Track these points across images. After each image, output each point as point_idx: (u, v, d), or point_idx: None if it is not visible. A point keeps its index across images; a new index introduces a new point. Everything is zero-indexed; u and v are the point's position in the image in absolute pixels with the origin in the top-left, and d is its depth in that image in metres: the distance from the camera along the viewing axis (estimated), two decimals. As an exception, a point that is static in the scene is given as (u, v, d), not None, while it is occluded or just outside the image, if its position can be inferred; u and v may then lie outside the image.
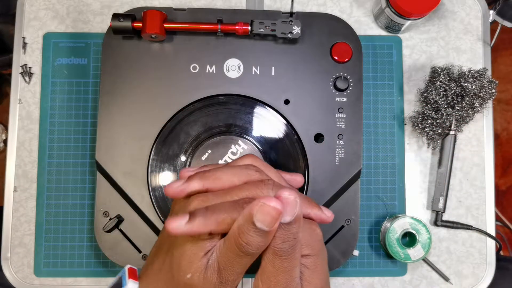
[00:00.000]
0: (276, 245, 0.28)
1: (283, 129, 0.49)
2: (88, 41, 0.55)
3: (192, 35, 0.49)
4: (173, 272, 0.31)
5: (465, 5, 0.57)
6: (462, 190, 0.55)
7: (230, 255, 0.29)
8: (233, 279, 0.30)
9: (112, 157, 0.48)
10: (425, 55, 0.57)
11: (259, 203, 0.27)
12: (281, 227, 0.28)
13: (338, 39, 0.50)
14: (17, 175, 0.54)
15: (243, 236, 0.28)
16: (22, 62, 0.55)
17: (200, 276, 0.30)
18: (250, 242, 0.28)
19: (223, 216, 0.29)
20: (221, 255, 0.29)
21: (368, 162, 0.55)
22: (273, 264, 0.29)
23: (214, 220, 0.29)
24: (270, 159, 0.47)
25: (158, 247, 0.34)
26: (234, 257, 0.29)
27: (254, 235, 0.28)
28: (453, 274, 0.54)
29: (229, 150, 0.46)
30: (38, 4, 0.55)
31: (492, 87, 0.53)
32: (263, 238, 0.28)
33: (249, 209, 0.28)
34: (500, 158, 1.28)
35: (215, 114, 0.48)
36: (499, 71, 1.30)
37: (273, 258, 0.29)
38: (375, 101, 0.55)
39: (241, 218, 0.28)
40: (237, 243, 0.28)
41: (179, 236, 0.30)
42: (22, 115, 0.54)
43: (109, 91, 0.48)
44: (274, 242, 0.29)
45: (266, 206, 0.27)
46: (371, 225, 0.54)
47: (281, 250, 0.29)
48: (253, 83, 0.49)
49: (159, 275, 0.32)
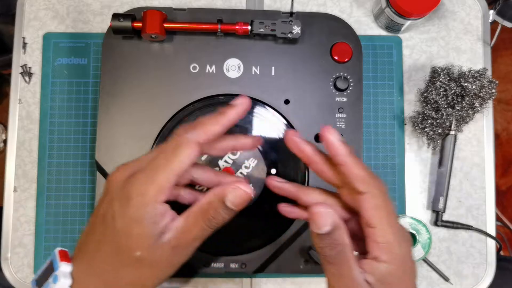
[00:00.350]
0: (326, 254, 0.30)
1: (283, 129, 0.49)
2: (88, 41, 0.55)
3: (192, 35, 0.49)
4: (117, 250, 0.31)
5: (465, 5, 0.57)
6: (462, 190, 0.55)
7: (193, 229, 0.32)
8: (187, 253, 0.32)
9: (112, 157, 0.48)
10: (425, 55, 0.57)
11: (234, 186, 0.32)
12: (324, 236, 0.30)
13: (338, 39, 0.50)
14: (17, 175, 0.54)
15: (213, 211, 0.31)
16: (22, 62, 0.55)
17: (154, 252, 0.30)
18: (217, 217, 0.32)
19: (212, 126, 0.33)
20: (183, 230, 0.31)
21: (368, 162, 0.54)
22: (331, 272, 0.31)
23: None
24: (270, 159, 0.47)
25: (92, 225, 0.33)
26: (197, 231, 0.32)
27: (222, 212, 0.32)
28: (453, 274, 0.54)
29: (229, 150, 0.46)
30: (38, 4, 0.55)
31: (492, 87, 0.53)
32: (227, 216, 0.32)
33: (222, 189, 0.32)
34: (500, 158, 1.28)
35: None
36: (499, 71, 1.30)
37: (329, 266, 0.31)
38: (375, 101, 0.55)
39: (213, 196, 0.32)
40: (205, 217, 0.31)
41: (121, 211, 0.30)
42: (22, 115, 0.54)
43: (109, 91, 0.48)
44: (323, 251, 0.30)
45: (239, 190, 0.32)
46: (371, 225, 0.54)
47: (331, 257, 0.30)
48: (253, 83, 0.49)
49: (98, 253, 0.32)
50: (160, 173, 0.30)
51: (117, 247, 0.31)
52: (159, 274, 0.32)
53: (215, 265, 0.48)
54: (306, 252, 0.47)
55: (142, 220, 0.30)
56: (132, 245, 0.30)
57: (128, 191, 0.30)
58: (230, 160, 0.46)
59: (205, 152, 0.35)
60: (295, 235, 0.48)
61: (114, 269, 0.31)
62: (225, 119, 0.33)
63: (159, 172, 0.30)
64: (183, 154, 0.31)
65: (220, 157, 0.46)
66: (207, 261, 0.48)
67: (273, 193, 0.47)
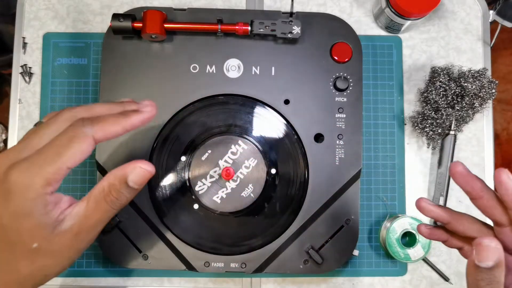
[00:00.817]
0: (480, 287, 0.30)
1: (283, 129, 0.49)
2: (88, 41, 0.55)
3: (192, 35, 0.49)
4: (9, 245, 0.30)
5: (465, 5, 0.57)
6: (462, 190, 0.55)
7: (97, 213, 0.31)
8: (91, 238, 0.32)
9: (112, 157, 0.48)
10: (425, 55, 0.57)
11: (134, 165, 0.32)
12: (484, 270, 0.29)
13: (338, 39, 0.50)
14: (17, 175, 0.54)
15: (115, 192, 0.31)
16: (22, 62, 0.55)
17: (53, 241, 0.30)
18: (120, 197, 0.32)
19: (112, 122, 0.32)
20: (86, 215, 0.31)
21: (368, 162, 0.54)
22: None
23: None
24: (270, 159, 0.47)
25: None
26: (101, 214, 0.32)
27: (125, 192, 0.32)
28: (453, 274, 0.54)
29: (229, 150, 0.46)
30: (38, 4, 0.55)
31: (492, 87, 0.53)
32: (130, 196, 0.32)
33: (123, 170, 0.32)
34: (500, 158, 1.28)
35: (215, 114, 0.48)
36: (499, 71, 1.30)
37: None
38: (375, 101, 0.55)
39: (113, 178, 0.32)
40: (108, 199, 0.31)
41: (4, 206, 0.29)
42: (22, 115, 0.54)
43: (109, 91, 0.48)
44: (478, 284, 0.30)
45: (139, 169, 0.32)
46: (371, 225, 0.54)
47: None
48: (253, 83, 0.49)
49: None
50: (49, 165, 0.29)
51: (8, 243, 0.30)
52: (61, 262, 0.31)
53: (215, 265, 0.48)
54: (306, 252, 0.48)
55: (31, 213, 0.29)
56: (25, 239, 0.29)
57: (10, 184, 0.28)
58: (230, 160, 0.46)
59: None
60: (295, 235, 0.48)
61: (7, 263, 0.30)
62: (128, 123, 0.32)
63: (48, 163, 0.29)
64: (77, 148, 0.29)
65: (220, 157, 0.46)
66: (207, 261, 0.48)
67: (272, 193, 0.48)
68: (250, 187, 0.46)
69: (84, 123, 0.31)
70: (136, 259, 0.48)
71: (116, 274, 0.53)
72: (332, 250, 0.48)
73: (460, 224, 0.35)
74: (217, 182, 0.46)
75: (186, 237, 0.48)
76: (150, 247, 0.48)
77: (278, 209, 0.48)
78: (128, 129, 0.33)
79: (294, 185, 0.48)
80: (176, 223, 0.48)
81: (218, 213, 0.46)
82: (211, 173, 0.46)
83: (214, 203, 0.46)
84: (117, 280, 0.53)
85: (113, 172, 0.32)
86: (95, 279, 0.53)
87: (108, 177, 0.32)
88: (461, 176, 0.34)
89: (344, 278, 0.54)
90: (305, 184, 0.48)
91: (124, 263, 0.48)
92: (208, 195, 0.46)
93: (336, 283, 0.54)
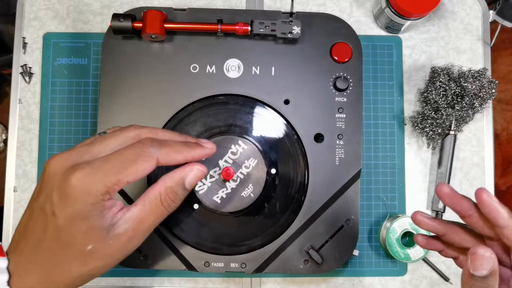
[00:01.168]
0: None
1: (283, 129, 0.49)
2: (88, 41, 0.55)
3: (192, 35, 0.49)
4: (63, 246, 0.30)
5: (465, 5, 0.57)
6: (462, 190, 0.55)
7: (152, 217, 0.32)
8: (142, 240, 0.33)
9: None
10: (425, 55, 0.57)
11: (191, 168, 0.34)
12: (478, 279, 0.30)
13: (338, 39, 0.50)
14: (17, 175, 0.54)
15: (172, 195, 0.33)
16: (22, 62, 0.55)
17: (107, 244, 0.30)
18: (176, 199, 0.33)
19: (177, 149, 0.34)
20: (140, 220, 0.32)
21: (368, 162, 0.55)
22: None
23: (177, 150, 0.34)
24: (270, 159, 0.47)
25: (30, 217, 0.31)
26: (157, 217, 0.33)
27: (181, 194, 0.34)
28: (453, 274, 0.54)
29: (229, 150, 0.46)
30: (38, 4, 0.55)
31: (492, 87, 0.53)
32: (184, 197, 0.34)
33: (180, 173, 0.33)
34: (500, 158, 1.28)
35: (215, 114, 0.48)
36: (499, 71, 1.30)
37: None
38: (375, 101, 0.55)
39: (170, 181, 0.33)
40: (165, 202, 0.33)
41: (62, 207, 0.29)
42: (22, 115, 0.54)
43: (109, 91, 0.48)
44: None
45: (196, 171, 0.34)
46: (371, 225, 0.54)
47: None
48: (253, 83, 0.49)
49: (39, 248, 0.30)
50: (113, 175, 0.30)
51: (62, 244, 0.30)
52: (111, 263, 0.32)
53: (215, 265, 0.48)
54: (306, 252, 0.48)
55: (88, 217, 0.29)
56: (80, 241, 0.30)
57: (70, 185, 0.29)
58: (230, 160, 0.46)
59: None
60: (295, 235, 0.48)
61: (59, 264, 0.30)
62: (190, 154, 0.34)
63: (113, 173, 0.30)
64: (141, 166, 0.31)
65: (220, 157, 0.46)
66: (207, 261, 0.48)
67: (272, 193, 0.48)
68: (250, 187, 0.46)
69: (153, 144, 0.32)
70: (136, 259, 0.48)
71: (116, 274, 0.53)
72: (332, 250, 0.48)
73: (456, 236, 0.36)
74: (217, 182, 0.46)
75: (186, 237, 0.48)
76: (150, 247, 0.48)
77: (278, 209, 0.48)
78: (189, 160, 0.34)
79: (294, 185, 0.48)
80: (176, 223, 0.48)
81: (218, 213, 0.46)
82: (211, 173, 0.46)
83: (214, 203, 0.46)
84: (117, 280, 0.53)
85: (169, 175, 0.33)
86: (95, 279, 0.53)
87: (164, 181, 0.33)
88: (448, 197, 0.35)
89: (344, 278, 0.54)
90: (305, 184, 0.48)
91: (124, 263, 0.48)
92: (208, 195, 0.46)
93: (336, 283, 0.54)
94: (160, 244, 0.48)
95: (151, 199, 0.32)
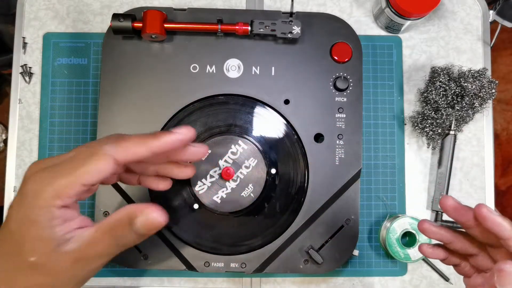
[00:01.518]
0: None
1: (283, 129, 0.49)
2: (88, 41, 0.55)
3: (192, 35, 0.49)
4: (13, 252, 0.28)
5: (465, 5, 0.57)
6: (462, 190, 0.55)
7: (100, 244, 0.29)
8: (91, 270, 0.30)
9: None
10: (425, 55, 0.57)
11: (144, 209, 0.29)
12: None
13: (338, 39, 0.50)
14: (17, 175, 0.54)
15: (121, 230, 0.29)
16: (22, 62, 0.55)
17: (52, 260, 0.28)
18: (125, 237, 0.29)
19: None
20: (89, 243, 0.29)
21: (368, 162, 0.55)
22: None
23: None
24: (270, 159, 0.47)
25: None
26: (104, 247, 0.29)
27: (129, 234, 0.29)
28: (453, 274, 0.54)
29: (229, 150, 0.46)
30: (38, 4, 0.55)
31: (492, 87, 0.53)
32: (136, 239, 0.30)
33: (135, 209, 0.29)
34: (500, 158, 1.28)
35: (215, 114, 0.48)
36: (499, 71, 1.30)
37: None
38: (375, 101, 0.55)
39: (124, 214, 0.29)
40: (113, 234, 0.29)
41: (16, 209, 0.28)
42: (22, 115, 0.54)
43: (109, 91, 0.48)
44: None
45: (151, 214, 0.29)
46: (371, 225, 0.54)
47: None
48: (253, 83, 0.49)
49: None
50: (62, 177, 0.28)
51: (12, 249, 0.28)
52: (57, 285, 0.29)
53: (215, 265, 0.48)
54: (306, 252, 0.48)
55: (35, 222, 0.27)
56: (26, 248, 0.28)
57: (25, 188, 0.28)
58: (230, 160, 0.46)
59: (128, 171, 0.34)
60: (295, 235, 0.48)
61: (8, 273, 0.28)
62: (155, 143, 0.30)
63: (61, 175, 0.28)
64: (93, 165, 0.28)
65: (220, 157, 0.46)
66: (207, 261, 0.48)
67: (272, 193, 0.48)
68: (250, 187, 0.46)
69: (108, 141, 0.29)
70: (136, 259, 0.48)
71: (116, 274, 0.53)
72: (332, 250, 0.48)
73: (460, 243, 0.36)
74: (217, 182, 0.46)
75: (186, 237, 0.48)
76: (150, 247, 0.48)
77: (278, 209, 0.48)
78: (155, 150, 0.30)
79: (294, 185, 0.48)
80: (176, 223, 0.48)
81: (218, 213, 0.46)
82: (211, 173, 0.46)
83: (214, 203, 0.46)
84: (117, 280, 0.53)
85: (127, 207, 0.30)
86: (95, 279, 0.53)
87: (121, 211, 0.30)
88: (453, 209, 0.35)
89: (344, 278, 0.54)
90: (305, 184, 0.48)
91: (124, 263, 0.48)
92: (208, 195, 0.46)
93: (336, 283, 0.54)
94: (160, 244, 0.48)
95: (105, 224, 0.29)
